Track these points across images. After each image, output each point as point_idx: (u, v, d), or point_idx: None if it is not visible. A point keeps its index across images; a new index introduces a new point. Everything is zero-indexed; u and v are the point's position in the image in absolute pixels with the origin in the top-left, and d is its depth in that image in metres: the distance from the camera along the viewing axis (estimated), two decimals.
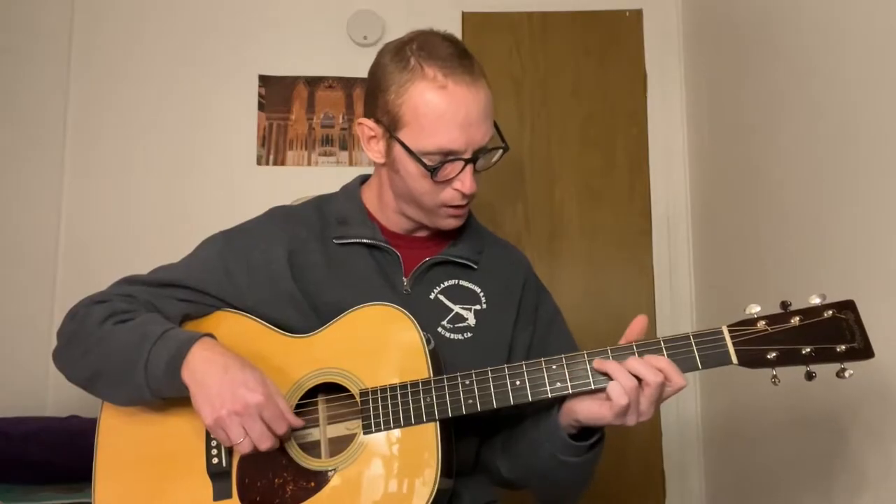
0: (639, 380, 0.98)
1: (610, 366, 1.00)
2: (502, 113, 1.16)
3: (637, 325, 1.05)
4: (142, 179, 2.30)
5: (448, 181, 1.11)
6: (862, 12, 1.32)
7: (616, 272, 2.36)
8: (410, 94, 1.08)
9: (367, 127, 1.15)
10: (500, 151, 1.15)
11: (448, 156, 1.09)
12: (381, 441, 1.05)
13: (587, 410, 1.02)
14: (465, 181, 1.11)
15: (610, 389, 0.98)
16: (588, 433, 1.06)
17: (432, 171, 1.09)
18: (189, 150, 2.32)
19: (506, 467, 1.18)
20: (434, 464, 1.02)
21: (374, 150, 1.16)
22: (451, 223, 1.18)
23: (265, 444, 1.02)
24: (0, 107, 2.24)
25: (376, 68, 1.14)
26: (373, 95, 1.14)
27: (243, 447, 1.01)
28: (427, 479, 1.01)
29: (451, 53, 1.09)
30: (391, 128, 1.11)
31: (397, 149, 1.11)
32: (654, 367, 0.98)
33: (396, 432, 1.04)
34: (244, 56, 2.36)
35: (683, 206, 2.35)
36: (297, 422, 1.05)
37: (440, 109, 1.06)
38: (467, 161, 1.10)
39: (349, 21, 2.37)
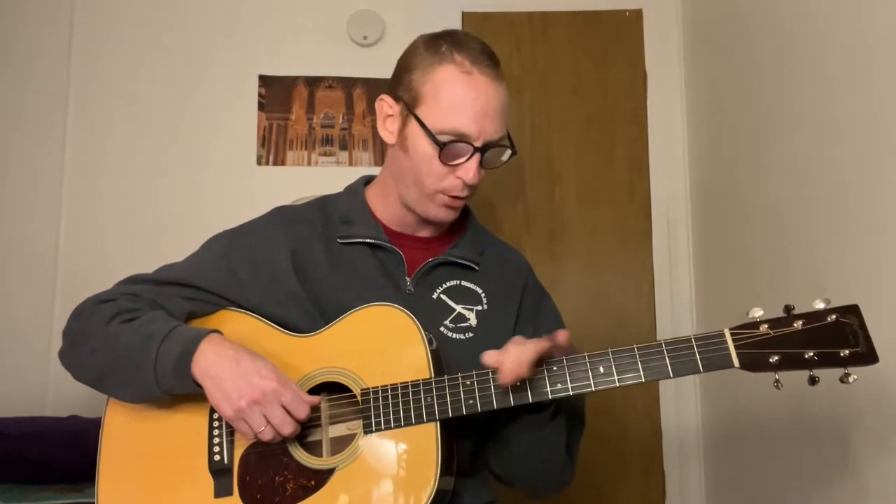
0: None
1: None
2: None
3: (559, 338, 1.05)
4: (141, 179, 2.30)
5: (453, 167, 1.12)
6: (863, 12, 1.32)
7: (616, 272, 2.36)
8: (436, 73, 1.12)
9: (386, 104, 1.18)
10: (509, 152, 1.17)
11: (460, 138, 1.11)
12: (382, 440, 1.05)
13: None
14: (469, 170, 1.12)
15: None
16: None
17: (442, 147, 1.10)
18: (189, 150, 2.32)
19: (493, 461, 1.20)
20: (434, 464, 1.02)
21: (388, 130, 1.19)
22: (443, 213, 1.19)
23: (287, 429, 1.03)
24: (0, 107, 2.24)
25: (408, 52, 1.18)
26: (398, 75, 1.18)
27: (265, 435, 1.02)
28: (427, 479, 1.01)
29: (482, 51, 1.14)
30: (410, 104, 1.14)
31: (411, 126, 1.13)
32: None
33: (397, 432, 1.05)
34: (244, 56, 2.36)
35: (683, 206, 2.35)
36: (315, 399, 1.06)
37: (462, 92, 1.10)
38: (476, 149, 1.11)
39: (349, 21, 2.37)
